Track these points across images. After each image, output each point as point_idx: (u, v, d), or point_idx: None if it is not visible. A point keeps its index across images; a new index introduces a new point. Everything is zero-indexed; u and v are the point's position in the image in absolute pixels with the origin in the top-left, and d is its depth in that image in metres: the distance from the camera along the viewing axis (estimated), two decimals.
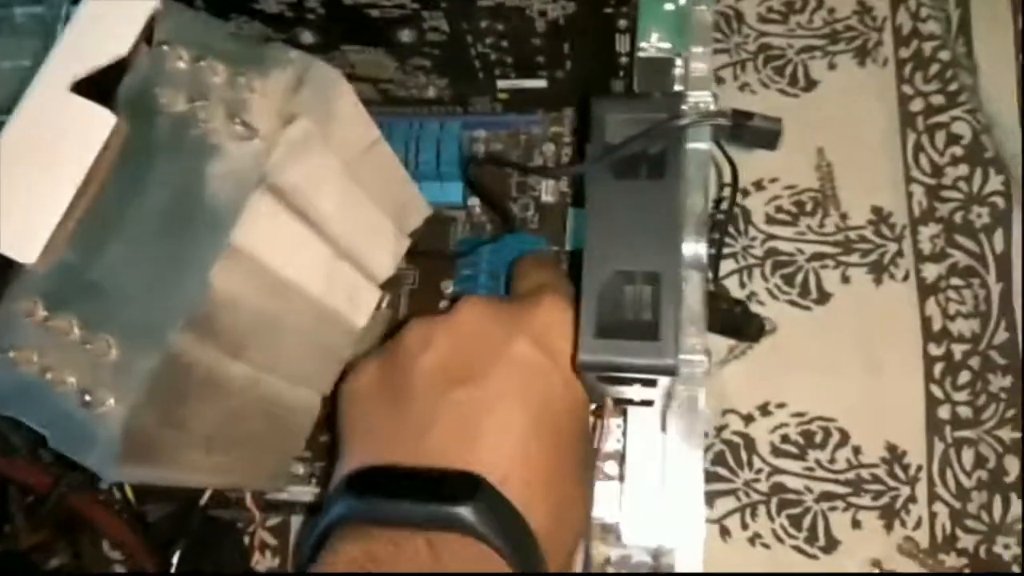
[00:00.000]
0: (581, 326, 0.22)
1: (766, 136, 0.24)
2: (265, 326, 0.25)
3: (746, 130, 0.24)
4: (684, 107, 0.24)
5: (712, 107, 0.24)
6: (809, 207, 0.39)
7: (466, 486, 0.22)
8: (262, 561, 0.37)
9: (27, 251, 0.23)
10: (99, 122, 0.23)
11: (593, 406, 0.28)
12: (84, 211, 0.23)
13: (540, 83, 0.36)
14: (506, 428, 0.24)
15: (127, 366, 0.21)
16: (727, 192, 0.31)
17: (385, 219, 0.30)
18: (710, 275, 0.23)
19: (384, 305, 0.33)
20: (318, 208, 0.26)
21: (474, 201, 0.39)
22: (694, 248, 0.23)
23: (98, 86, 0.24)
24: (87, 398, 0.21)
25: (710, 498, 0.36)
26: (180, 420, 0.23)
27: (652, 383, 0.22)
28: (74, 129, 0.23)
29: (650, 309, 0.22)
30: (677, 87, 0.27)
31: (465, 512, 0.22)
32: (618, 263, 0.22)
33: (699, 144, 0.23)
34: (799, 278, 0.38)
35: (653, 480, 0.30)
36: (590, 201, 0.23)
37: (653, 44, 0.28)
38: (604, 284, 0.22)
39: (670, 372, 0.21)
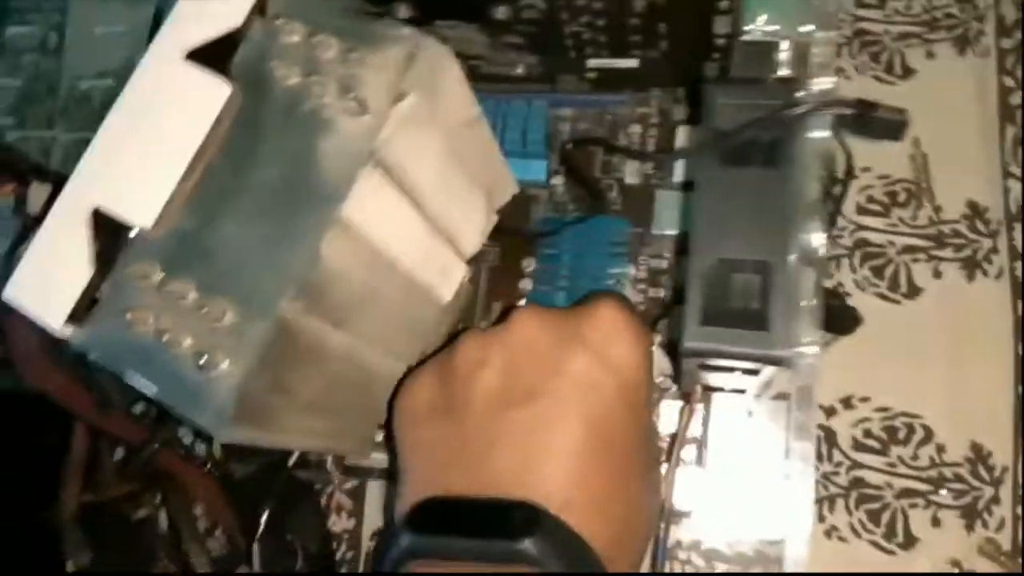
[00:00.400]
0: (686, 312, 0.22)
1: (891, 127, 0.23)
2: (366, 298, 0.26)
3: (870, 120, 0.23)
4: (802, 93, 0.23)
5: (833, 92, 0.23)
6: (902, 198, 0.38)
7: (528, 518, 0.22)
8: (338, 522, 0.38)
9: (144, 216, 0.23)
10: (215, 91, 0.24)
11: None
12: (199, 179, 0.24)
13: (632, 62, 0.36)
14: (565, 450, 0.23)
15: (241, 331, 0.22)
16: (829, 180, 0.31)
17: (480, 196, 0.30)
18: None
19: (466, 280, 0.34)
20: (419, 183, 0.26)
21: (557, 180, 0.39)
22: (808, 239, 0.22)
23: (210, 57, 0.25)
24: (202, 361, 0.22)
25: None
26: (286, 385, 0.23)
27: (754, 372, 0.22)
28: (190, 97, 0.24)
29: (758, 298, 0.21)
30: (784, 72, 0.27)
31: (528, 546, 0.22)
32: (725, 250, 0.22)
33: (817, 132, 0.23)
34: (889, 271, 0.37)
35: (738, 470, 0.30)
36: (698, 187, 0.23)
37: (759, 27, 0.27)
38: (710, 271, 0.22)
39: (780, 363, 0.21)
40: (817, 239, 0.22)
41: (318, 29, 0.24)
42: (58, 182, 0.26)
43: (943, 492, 0.34)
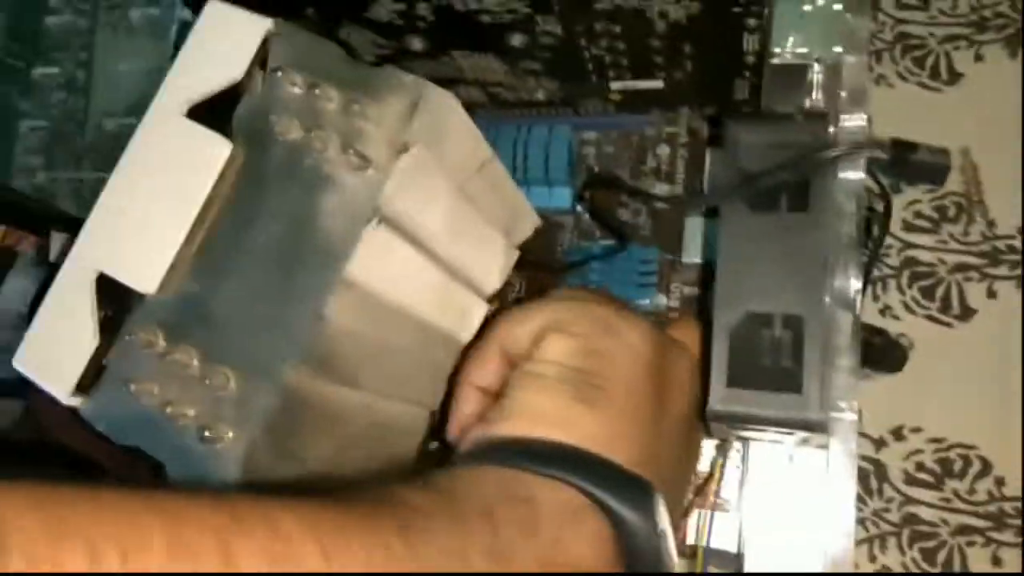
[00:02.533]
0: (712, 372, 0.20)
1: (932, 170, 0.21)
2: (380, 353, 0.25)
3: (908, 163, 0.21)
4: (832, 130, 0.22)
5: (866, 132, 0.22)
6: (952, 213, 0.36)
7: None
8: None
9: (147, 280, 0.23)
10: (215, 149, 0.23)
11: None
12: (201, 240, 0.23)
13: (656, 84, 0.34)
14: None
15: (245, 401, 0.21)
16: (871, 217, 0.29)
17: (496, 235, 0.29)
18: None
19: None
20: (429, 231, 0.25)
21: (582, 207, 0.38)
22: (843, 285, 0.21)
23: (211, 111, 0.24)
24: (206, 433, 0.21)
25: None
26: (296, 452, 0.23)
27: (789, 432, 0.21)
28: (191, 156, 0.23)
29: (791, 355, 0.20)
30: (815, 96, 0.25)
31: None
32: (753, 304, 0.20)
33: (850, 174, 0.21)
34: (940, 291, 0.35)
35: (779, 514, 0.28)
36: (722, 234, 0.21)
37: (788, 49, 0.26)
38: (737, 326, 0.20)
39: (815, 429, 0.19)
40: (853, 286, 0.21)
41: (319, 80, 0.23)
42: (76, 231, 0.25)
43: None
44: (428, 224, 0.24)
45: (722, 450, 0.26)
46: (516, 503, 0.18)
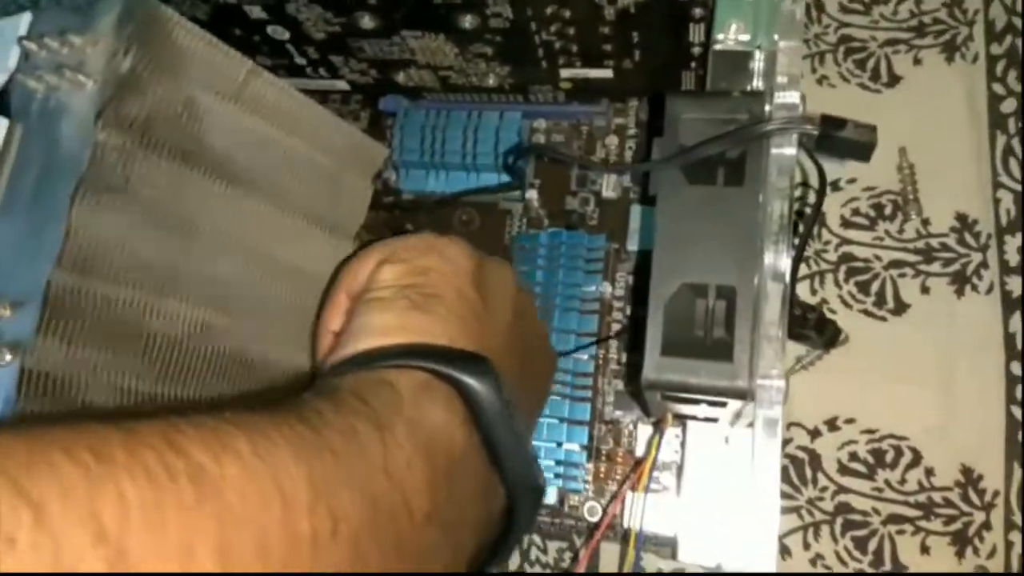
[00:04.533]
0: (647, 342, 0.20)
1: (858, 147, 0.22)
2: (220, 284, 0.25)
3: (836, 139, 0.22)
4: (768, 108, 0.22)
5: (800, 110, 0.22)
6: (888, 211, 0.37)
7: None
8: None
9: None
10: None
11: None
12: None
13: (606, 73, 0.35)
14: None
15: (19, 319, 0.21)
16: (805, 191, 0.29)
17: (318, 157, 0.29)
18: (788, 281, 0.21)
19: None
20: (202, 143, 0.25)
21: (531, 194, 0.38)
22: (774, 258, 0.21)
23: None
24: None
25: None
26: (97, 366, 0.23)
27: (721, 404, 0.21)
28: None
29: (723, 326, 0.20)
30: (756, 83, 0.25)
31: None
32: (689, 275, 0.20)
33: (784, 150, 0.22)
34: (875, 286, 0.36)
35: (714, 497, 0.28)
36: (660, 207, 0.21)
37: (731, 36, 0.26)
38: (672, 297, 0.20)
39: (743, 396, 0.19)
40: (785, 260, 0.21)
41: (49, 35, 0.24)
42: None
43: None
44: (199, 137, 0.25)
45: (658, 429, 0.27)
46: (379, 387, 0.21)
